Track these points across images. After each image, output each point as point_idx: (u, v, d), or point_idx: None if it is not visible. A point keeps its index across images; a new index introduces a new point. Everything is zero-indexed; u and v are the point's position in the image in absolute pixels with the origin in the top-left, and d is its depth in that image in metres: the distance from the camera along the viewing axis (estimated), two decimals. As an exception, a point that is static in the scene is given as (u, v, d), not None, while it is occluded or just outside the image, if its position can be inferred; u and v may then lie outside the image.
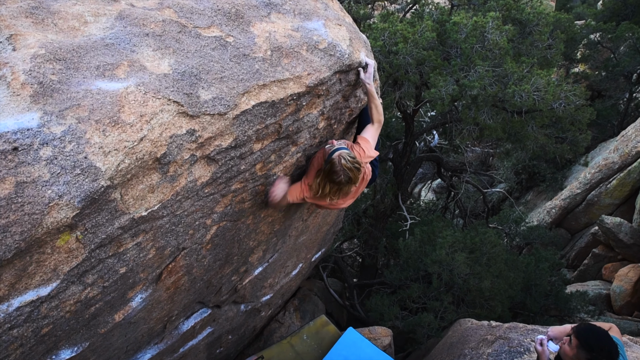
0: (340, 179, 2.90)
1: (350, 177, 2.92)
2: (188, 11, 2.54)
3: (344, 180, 2.92)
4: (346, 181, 2.93)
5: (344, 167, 2.88)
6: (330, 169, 2.91)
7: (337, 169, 2.89)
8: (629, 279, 10.77)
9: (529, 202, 15.02)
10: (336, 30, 3.00)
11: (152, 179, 2.14)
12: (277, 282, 5.51)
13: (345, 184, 2.96)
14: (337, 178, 2.90)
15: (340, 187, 2.99)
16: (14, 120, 1.78)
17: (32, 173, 1.75)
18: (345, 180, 2.92)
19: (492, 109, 6.76)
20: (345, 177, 2.91)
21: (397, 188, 9.14)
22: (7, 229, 1.69)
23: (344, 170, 2.89)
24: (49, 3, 2.39)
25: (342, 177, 2.90)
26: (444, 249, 7.00)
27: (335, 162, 2.89)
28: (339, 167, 2.88)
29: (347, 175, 2.90)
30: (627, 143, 12.54)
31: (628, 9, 19.26)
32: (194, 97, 2.19)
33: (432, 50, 6.73)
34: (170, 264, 2.75)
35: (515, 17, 7.52)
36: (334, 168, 2.90)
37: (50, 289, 1.99)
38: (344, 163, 2.88)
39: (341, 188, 3.01)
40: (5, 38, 2.12)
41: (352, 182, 2.97)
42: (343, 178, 2.91)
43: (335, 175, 2.90)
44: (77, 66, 2.04)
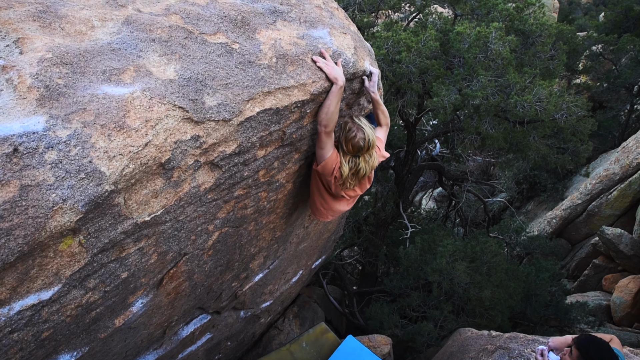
0: (357, 138, 2.90)
1: (365, 136, 2.91)
2: (194, 17, 2.55)
3: (359, 139, 2.90)
4: (363, 141, 2.91)
5: (357, 125, 2.92)
6: (344, 130, 2.93)
7: (350, 126, 2.92)
8: (629, 290, 10.74)
9: (529, 211, 15.01)
10: (341, 39, 3.01)
11: (155, 184, 2.14)
12: (277, 288, 5.49)
13: (363, 147, 2.93)
14: (353, 136, 2.90)
15: (359, 152, 2.96)
16: (19, 123, 1.78)
17: (37, 176, 1.75)
18: (362, 139, 2.90)
19: (494, 119, 6.77)
20: (361, 134, 2.90)
21: (398, 196, 9.13)
22: (11, 232, 1.69)
23: (359, 127, 2.91)
24: (56, 7, 2.40)
25: (357, 134, 2.90)
26: (444, 258, 6.99)
27: (347, 121, 2.95)
28: (351, 124, 2.93)
29: (362, 132, 2.91)
30: (628, 154, 12.56)
31: (630, 21, 19.37)
32: (199, 103, 2.20)
33: (435, 60, 6.76)
34: (171, 269, 2.74)
35: (519, 28, 7.55)
36: (347, 127, 2.93)
37: (52, 292, 1.99)
38: (355, 121, 2.94)
39: (358, 165, 3.00)
40: (13, 41, 2.13)
41: (369, 147, 2.95)
42: (358, 135, 2.90)
43: (350, 133, 2.91)
44: (83, 70, 2.04)
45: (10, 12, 2.28)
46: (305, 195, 3.73)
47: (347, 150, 2.97)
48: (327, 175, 3.05)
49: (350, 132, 2.92)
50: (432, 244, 7.73)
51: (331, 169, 3.01)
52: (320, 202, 3.43)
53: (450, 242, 7.30)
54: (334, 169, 3.01)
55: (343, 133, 2.96)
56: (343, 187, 3.14)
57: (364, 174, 3.09)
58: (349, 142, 2.93)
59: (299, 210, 3.91)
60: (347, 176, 3.03)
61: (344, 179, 3.05)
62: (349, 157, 3.00)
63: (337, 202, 3.45)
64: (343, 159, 3.00)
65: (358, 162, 3.02)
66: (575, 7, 45.65)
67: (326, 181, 3.15)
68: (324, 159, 2.98)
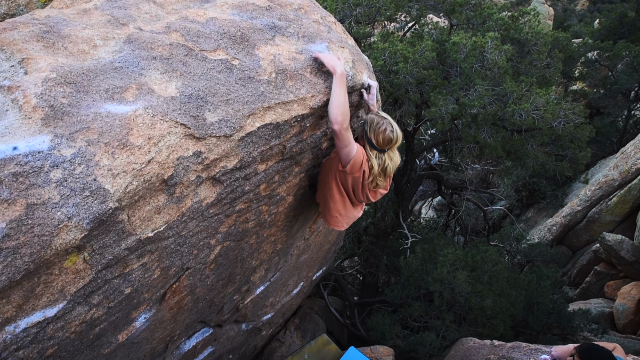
0: (387, 131, 2.90)
1: (394, 129, 2.92)
2: (195, 35, 2.59)
3: (389, 132, 2.90)
4: (392, 133, 2.92)
5: (384, 119, 2.94)
6: (373, 124, 2.92)
7: (378, 120, 2.93)
8: (631, 296, 10.71)
9: (529, 219, 15.02)
10: (339, 53, 3.06)
11: (158, 200, 2.16)
12: (279, 300, 5.49)
13: (393, 140, 2.93)
14: (383, 130, 2.90)
15: (388, 146, 2.95)
16: (25, 143, 1.82)
17: (43, 195, 1.77)
18: (391, 131, 2.91)
19: (492, 128, 6.82)
20: (390, 127, 2.91)
21: (397, 206, 9.16)
22: (17, 250, 1.71)
23: (386, 121, 2.93)
24: (59, 27, 2.45)
25: (387, 127, 2.90)
26: (445, 267, 6.99)
27: (372, 117, 2.96)
28: (378, 118, 2.93)
29: (390, 125, 2.91)
30: (626, 160, 12.60)
31: (624, 27, 19.55)
32: (200, 119, 2.24)
33: (432, 70, 6.82)
34: (174, 284, 2.76)
35: (514, 37, 7.63)
36: (375, 121, 2.93)
37: (57, 309, 2.01)
38: (382, 115, 2.96)
39: (385, 161, 2.99)
40: (17, 62, 2.17)
41: (397, 140, 2.96)
42: (388, 128, 2.90)
43: (380, 126, 2.91)
44: (86, 89, 2.08)
45: (15, 32, 2.33)
46: (305, 207, 3.75)
47: (376, 144, 2.95)
48: (356, 172, 2.97)
49: (379, 126, 2.91)
50: (433, 254, 7.74)
51: (359, 164, 2.93)
52: (338, 210, 3.33)
53: (451, 252, 7.31)
54: (362, 163, 2.95)
55: (372, 127, 2.94)
56: (371, 186, 3.09)
57: (391, 171, 3.09)
58: (379, 135, 2.91)
59: (299, 222, 3.93)
60: (377, 172, 3.00)
61: (374, 175, 3.01)
62: (375, 153, 2.98)
63: (354, 208, 3.41)
64: (370, 155, 2.98)
65: (384, 157, 3.01)
66: (570, 14, 46.03)
67: (352, 183, 3.07)
68: (351, 157, 2.89)
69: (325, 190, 3.25)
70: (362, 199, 3.26)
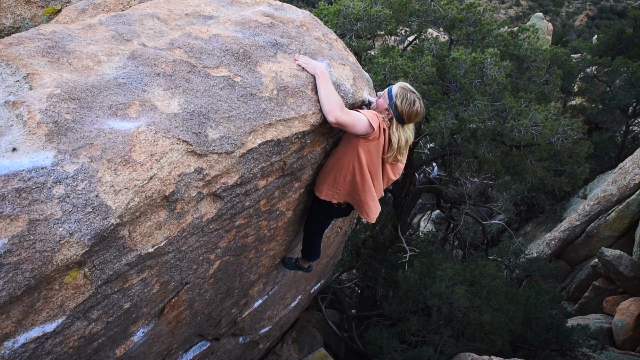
0: (416, 105, 2.92)
1: (422, 104, 2.95)
2: (198, 51, 2.62)
3: (418, 107, 2.93)
4: (420, 108, 2.95)
5: (413, 93, 2.96)
6: (404, 99, 2.92)
7: (409, 95, 2.93)
8: (630, 312, 10.66)
9: (528, 233, 15.01)
10: (340, 70, 3.09)
11: (159, 216, 2.18)
12: (276, 314, 5.48)
13: (420, 113, 2.96)
14: (414, 105, 2.92)
15: (416, 120, 2.99)
16: (29, 158, 1.83)
17: (45, 211, 1.79)
18: (420, 106, 2.93)
19: (491, 143, 6.86)
20: (419, 102, 2.93)
21: (396, 219, 9.16)
22: (19, 266, 1.72)
23: (416, 95, 2.95)
24: (64, 43, 2.48)
25: (417, 102, 2.93)
26: (443, 282, 6.98)
27: (403, 91, 2.95)
28: (409, 93, 2.95)
29: (419, 100, 2.94)
30: (624, 175, 12.63)
31: (622, 43, 19.75)
32: (202, 136, 2.26)
33: (432, 85, 6.88)
34: (173, 298, 2.76)
35: (513, 53, 7.71)
36: (406, 95, 2.93)
37: (56, 325, 2.01)
38: (409, 88, 2.98)
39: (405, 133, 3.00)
40: (22, 77, 2.20)
41: (424, 113, 3.01)
42: (417, 103, 2.93)
43: (412, 104, 2.92)
44: (90, 105, 2.10)
45: (21, 47, 2.36)
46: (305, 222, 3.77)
47: (404, 117, 2.95)
48: (378, 135, 2.92)
49: (409, 99, 2.93)
50: (431, 268, 7.73)
51: (377, 124, 2.88)
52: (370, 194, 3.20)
53: (449, 266, 7.30)
54: (379, 123, 2.90)
55: (402, 100, 2.93)
56: (390, 159, 3.07)
57: (409, 144, 3.10)
58: (410, 108, 2.93)
59: (298, 236, 3.94)
60: (398, 145, 3.00)
61: (394, 150, 3.00)
62: (398, 126, 2.98)
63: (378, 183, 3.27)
64: (394, 130, 2.98)
65: (402, 130, 3.01)
66: (568, 29, 46.45)
67: (375, 152, 2.99)
68: (366, 124, 2.83)
69: (359, 178, 3.09)
70: (383, 176, 3.21)
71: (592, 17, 49.89)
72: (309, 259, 3.94)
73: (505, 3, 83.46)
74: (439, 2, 7.83)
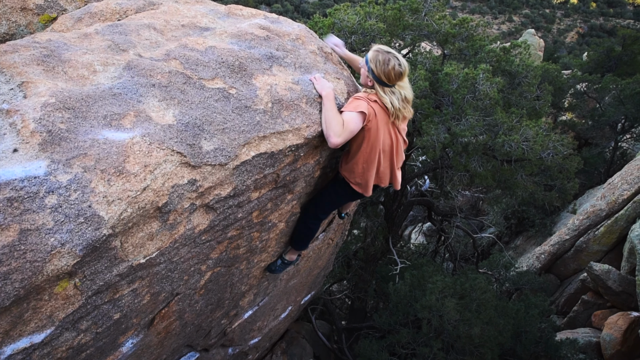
0: (392, 64, 2.86)
1: (400, 61, 2.88)
2: (193, 63, 2.64)
3: (395, 64, 2.86)
4: (399, 66, 2.88)
5: (388, 53, 2.90)
6: (380, 62, 2.88)
7: (383, 57, 2.88)
8: (618, 327, 10.72)
9: (518, 247, 15.09)
10: (335, 84, 3.12)
11: (152, 227, 2.17)
12: (266, 325, 5.45)
13: (403, 72, 2.90)
14: (392, 66, 2.86)
15: (399, 79, 2.91)
16: (22, 168, 1.83)
17: (37, 221, 1.78)
18: (398, 64, 2.87)
19: (483, 157, 6.92)
20: (395, 60, 2.87)
21: (387, 231, 9.18)
22: (8, 276, 1.71)
23: (392, 55, 2.89)
24: (60, 51, 2.48)
25: (393, 60, 2.86)
26: (433, 295, 6.99)
27: (376, 54, 2.91)
28: (382, 54, 2.89)
29: (395, 59, 2.88)
30: (613, 191, 12.78)
31: (611, 61, 20.12)
32: (196, 147, 2.27)
33: (425, 99, 6.94)
34: (163, 309, 2.75)
35: (505, 69, 7.81)
36: (380, 58, 2.88)
37: (44, 335, 1.99)
38: (383, 49, 2.93)
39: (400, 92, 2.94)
40: (17, 85, 2.20)
41: (406, 70, 2.92)
42: (393, 62, 2.86)
43: (387, 64, 2.86)
44: (85, 115, 2.11)
45: (16, 55, 2.36)
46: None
47: (387, 81, 2.91)
48: (375, 114, 2.92)
49: (387, 63, 2.88)
50: (422, 280, 7.73)
51: (366, 107, 2.88)
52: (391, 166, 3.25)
53: (440, 279, 7.32)
54: (367, 105, 2.89)
55: (378, 66, 2.89)
56: (397, 118, 3.02)
57: (411, 98, 3.05)
58: (389, 72, 2.88)
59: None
60: (397, 106, 2.95)
61: (395, 109, 2.95)
62: (387, 90, 2.94)
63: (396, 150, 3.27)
64: (382, 95, 2.93)
65: (396, 91, 2.96)
66: (560, 45, 47.15)
67: (379, 130, 2.97)
68: (360, 121, 2.85)
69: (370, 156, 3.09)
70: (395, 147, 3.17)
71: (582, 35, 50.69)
72: (299, 248, 3.80)
73: (498, 19, 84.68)
74: (432, 17, 7.93)
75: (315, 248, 4.84)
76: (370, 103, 2.90)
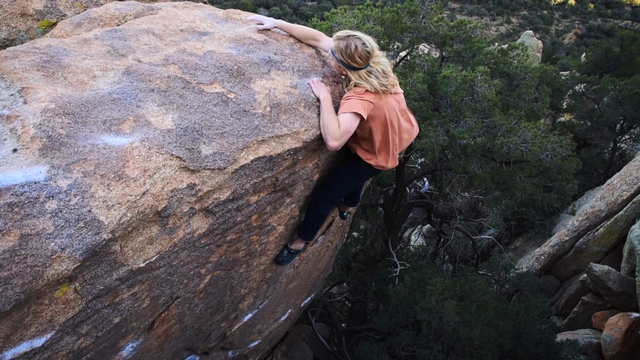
0: (355, 46, 2.82)
1: (362, 40, 2.84)
2: (192, 67, 2.66)
3: (358, 45, 2.82)
4: (363, 45, 2.83)
5: (348, 37, 2.87)
6: (343, 51, 2.85)
7: (344, 44, 2.85)
8: (618, 328, 10.72)
9: (518, 248, 15.10)
10: (332, 87, 3.14)
11: (151, 231, 2.19)
12: (266, 327, 5.46)
13: (370, 51, 2.86)
14: (354, 49, 2.82)
15: (369, 59, 2.87)
16: (22, 173, 1.84)
17: (37, 225, 1.79)
18: (361, 44, 2.83)
19: (481, 159, 6.94)
20: (356, 41, 2.83)
21: (387, 233, 9.19)
22: (9, 281, 1.72)
23: (351, 38, 2.85)
24: (60, 57, 2.50)
25: (354, 42, 2.83)
26: (433, 297, 6.99)
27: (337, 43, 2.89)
28: (342, 41, 2.87)
29: (356, 40, 2.84)
30: (612, 192, 12.79)
31: (610, 62, 20.17)
32: (195, 152, 2.28)
33: (423, 101, 6.96)
34: (163, 312, 2.76)
35: (503, 71, 7.83)
36: (342, 45, 2.85)
37: (45, 340, 2.00)
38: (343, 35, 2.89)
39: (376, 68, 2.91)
40: (17, 91, 2.21)
41: (373, 48, 2.87)
42: (355, 43, 2.83)
43: (349, 48, 2.82)
44: (84, 120, 2.12)
45: (16, 61, 2.38)
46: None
47: (358, 65, 2.88)
48: (369, 108, 2.91)
49: (350, 48, 2.84)
50: (421, 282, 7.74)
51: (362, 106, 2.87)
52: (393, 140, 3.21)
53: (440, 281, 7.32)
54: (363, 104, 2.88)
55: (344, 54, 2.87)
56: (386, 90, 2.97)
57: (388, 68, 3.00)
58: (355, 57, 2.85)
59: (289, 250, 3.95)
60: (377, 86, 2.91)
61: (376, 87, 2.91)
62: (362, 73, 2.91)
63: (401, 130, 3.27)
64: (360, 81, 2.91)
65: (372, 69, 2.92)
66: (558, 47, 47.25)
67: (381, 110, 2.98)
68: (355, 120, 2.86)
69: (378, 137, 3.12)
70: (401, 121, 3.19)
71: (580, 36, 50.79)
72: (307, 238, 3.78)
73: (496, 20, 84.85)
74: (430, 19, 7.95)
75: (315, 251, 4.86)
76: (361, 97, 2.88)
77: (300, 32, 3.33)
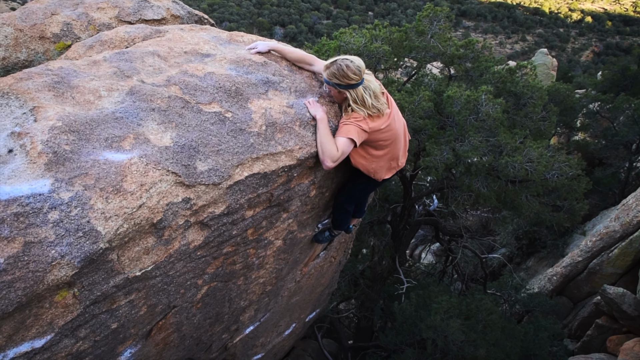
0: (342, 66, 2.95)
1: (348, 58, 2.98)
2: (192, 88, 2.82)
3: (344, 65, 2.95)
4: (350, 62, 2.96)
5: (332, 62, 3.02)
6: (335, 75, 2.99)
7: (333, 69, 2.99)
8: (634, 353, 10.45)
9: (530, 268, 14.91)
10: (328, 107, 3.27)
11: (147, 242, 2.32)
12: (270, 341, 5.53)
13: (360, 67, 2.98)
14: (343, 69, 2.95)
15: (359, 75, 2.98)
16: (28, 185, 2.00)
17: (40, 234, 1.94)
18: (348, 62, 2.95)
19: (487, 178, 6.98)
20: (341, 62, 2.96)
21: (394, 251, 9.23)
22: (12, 284, 1.87)
23: (335, 61, 3.00)
24: (70, 78, 2.69)
25: (340, 64, 2.96)
26: (438, 315, 7.00)
27: (325, 71, 3.05)
28: (329, 66, 3.01)
29: (340, 61, 2.98)
30: (628, 212, 12.61)
31: (627, 80, 19.98)
32: (191, 168, 2.42)
33: (429, 119, 7.06)
34: (160, 320, 2.88)
35: (510, 90, 7.91)
36: (330, 70, 3.00)
37: (45, 341, 2.14)
38: (328, 62, 3.05)
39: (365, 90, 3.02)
40: (29, 109, 2.40)
41: (362, 63, 3.00)
42: (341, 63, 2.96)
43: (339, 70, 2.96)
44: (88, 137, 2.29)
45: (30, 82, 2.56)
46: (296, 250, 3.88)
47: (355, 81, 2.99)
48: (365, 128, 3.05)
49: (341, 70, 2.97)
50: (427, 300, 7.75)
51: (358, 131, 3.02)
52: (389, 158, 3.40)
53: (445, 299, 7.33)
54: (359, 125, 3.02)
55: (337, 76, 3.00)
56: (378, 113, 3.10)
57: (378, 92, 3.12)
58: (348, 74, 2.97)
59: (289, 265, 4.05)
60: (370, 102, 3.04)
61: (372, 104, 3.05)
62: (359, 91, 3.03)
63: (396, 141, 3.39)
64: (357, 102, 3.04)
65: (367, 84, 3.06)
66: (574, 64, 46.88)
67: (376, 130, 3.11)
68: (350, 145, 3.03)
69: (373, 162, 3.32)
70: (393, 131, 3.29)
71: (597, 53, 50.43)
72: (342, 228, 4.12)
73: (511, 38, 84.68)
74: (438, 39, 8.09)
75: (317, 266, 4.95)
76: (359, 123, 3.03)
77: (294, 55, 3.49)
